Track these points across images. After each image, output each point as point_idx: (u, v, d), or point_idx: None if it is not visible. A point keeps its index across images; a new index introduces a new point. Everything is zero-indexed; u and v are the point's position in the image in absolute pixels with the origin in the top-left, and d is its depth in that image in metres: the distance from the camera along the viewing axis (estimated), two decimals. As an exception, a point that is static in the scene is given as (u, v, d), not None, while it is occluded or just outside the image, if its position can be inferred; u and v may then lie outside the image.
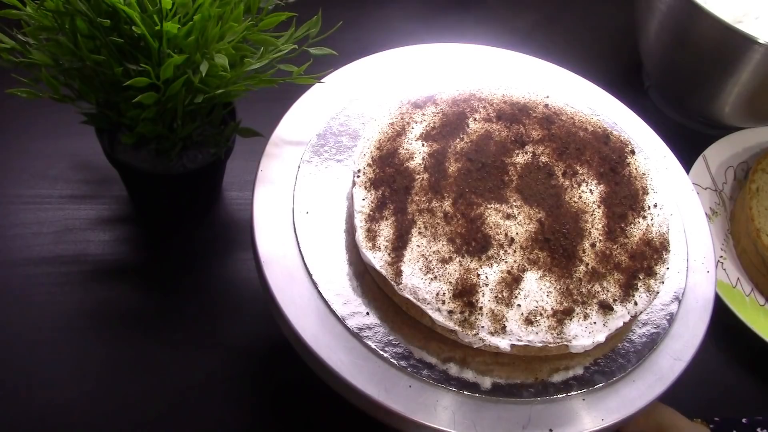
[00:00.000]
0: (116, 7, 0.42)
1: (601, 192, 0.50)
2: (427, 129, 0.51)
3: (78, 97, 0.48)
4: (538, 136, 0.53)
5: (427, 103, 0.53)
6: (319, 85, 0.55)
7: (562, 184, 0.50)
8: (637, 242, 0.49)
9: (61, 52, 0.45)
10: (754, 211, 0.62)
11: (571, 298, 0.45)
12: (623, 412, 0.45)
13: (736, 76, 0.65)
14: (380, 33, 0.77)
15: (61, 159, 0.60)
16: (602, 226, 0.48)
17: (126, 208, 0.58)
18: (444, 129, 0.51)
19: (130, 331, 0.52)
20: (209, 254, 0.57)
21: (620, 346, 0.48)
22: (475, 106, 0.54)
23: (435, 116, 0.52)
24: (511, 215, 0.47)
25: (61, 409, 0.47)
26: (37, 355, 0.49)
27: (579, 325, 0.44)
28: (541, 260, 0.46)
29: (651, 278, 0.48)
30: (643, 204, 0.51)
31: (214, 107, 0.51)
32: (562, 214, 0.48)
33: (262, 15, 0.47)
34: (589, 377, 0.46)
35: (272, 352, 0.52)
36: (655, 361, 0.48)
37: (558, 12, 0.87)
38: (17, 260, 0.54)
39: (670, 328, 0.50)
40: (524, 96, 0.56)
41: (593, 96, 0.63)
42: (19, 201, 0.57)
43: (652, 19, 0.70)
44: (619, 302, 0.46)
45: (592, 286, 0.46)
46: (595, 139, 0.54)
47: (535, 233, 0.47)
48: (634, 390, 0.46)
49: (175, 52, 0.44)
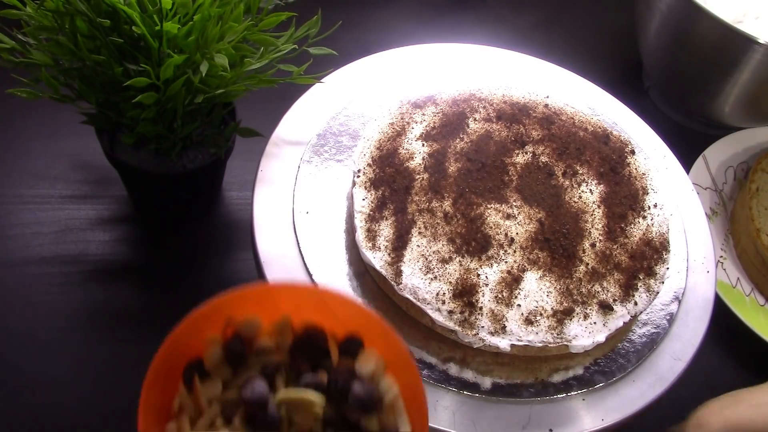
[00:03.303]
0: (116, 7, 0.42)
1: (601, 192, 0.50)
2: (427, 129, 0.51)
3: (78, 97, 0.48)
4: (538, 136, 0.53)
5: (427, 103, 0.53)
6: (319, 85, 0.55)
7: (562, 184, 0.50)
8: (637, 242, 0.49)
9: (61, 52, 0.45)
10: (754, 211, 0.62)
11: (571, 298, 0.45)
12: (623, 412, 0.45)
13: (736, 76, 0.65)
14: (380, 33, 0.77)
15: (61, 159, 0.60)
16: (602, 226, 0.48)
17: (126, 208, 0.58)
18: (444, 129, 0.51)
19: (130, 331, 0.52)
20: (209, 254, 0.57)
21: (620, 346, 0.48)
22: (475, 106, 0.54)
23: (435, 116, 0.52)
24: (511, 215, 0.47)
25: (61, 409, 0.47)
26: (37, 355, 0.49)
27: (579, 325, 0.44)
28: (541, 260, 0.46)
29: (651, 278, 0.48)
30: (643, 204, 0.51)
31: (214, 107, 0.51)
32: (562, 214, 0.48)
33: (262, 15, 0.47)
34: (589, 377, 0.46)
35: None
36: (655, 361, 0.48)
37: (558, 12, 0.87)
38: (17, 260, 0.54)
39: (670, 328, 0.50)
40: (524, 96, 0.56)
41: (593, 96, 0.63)
42: (19, 201, 0.57)
43: (652, 19, 0.70)
44: (619, 302, 0.46)
45: (592, 286, 0.46)
46: (595, 139, 0.54)
47: (535, 233, 0.47)
48: (634, 390, 0.46)
49: (175, 52, 0.44)
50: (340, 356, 0.33)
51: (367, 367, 0.32)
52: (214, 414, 0.30)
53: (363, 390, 0.30)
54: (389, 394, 0.31)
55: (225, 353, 0.31)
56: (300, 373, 0.31)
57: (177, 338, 0.30)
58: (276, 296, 0.33)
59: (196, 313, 0.31)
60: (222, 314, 0.32)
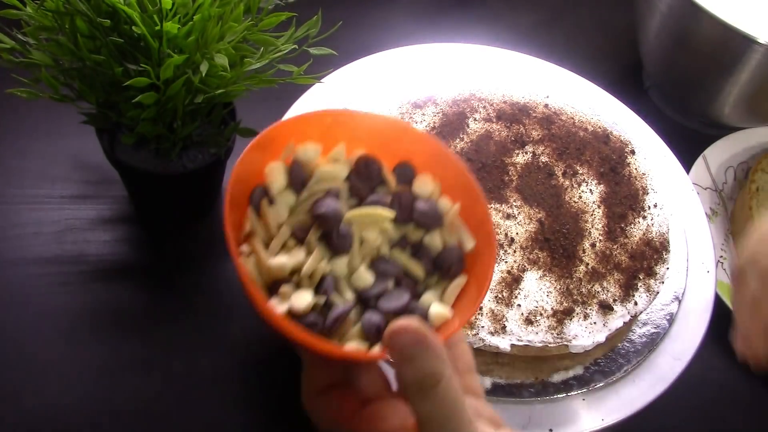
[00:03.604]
0: (116, 7, 0.42)
1: (601, 192, 0.50)
2: (427, 129, 0.51)
3: (78, 97, 0.48)
4: (538, 136, 0.53)
5: (427, 103, 0.53)
6: (319, 85, 0.55)
7: (562, 184, 0.50)
8: (637, 242, 0.49)
9: (61, 52, 0.45)
10: (754, 211, 0.62)
11: (571, 298, 0.45)
12: (623, 412, 0.45)
13: (736, 76, 0.65)
14: (380, 33, 0.77)
15: (61, 159, 0.60)
16: (602, 226, 0.48)
17: (126, 208, 0.58)
18: (444, 129, 0.51)
19: (130, 331, 0.52)
20: (209, 254, 0.57)
21: (620, 346, 0.48)
22: (475, 106, 0.54)
23: (435, 116, 0.52)
24: (511, 215, 0.47)
25: (61, 408, 0.47)
26: (36, 354, 0.49)
27: (579, 325, 0.44)
28: (541, 260, 0.46)
29: (651, 278, 0.48)
30: (643, 204, 0.51)
31: (214, 107, 0.51)
32: (562, 214, 0.48)
33: (262, 15, 0.47)
34: (589, 377, 0.46)
35: (272, 352, 0.52)
36: (655, 361, 0.48)
37: (558, 12, 0.87)
38: (17, 260, 0.54)
39: (670, 328, 0.50)
40: (524, 96, 0.56)
41: (593, 96, 0.63)
42: (19, 201, 0.57)
43: (652, 19, 0.70)
44: (619, 302, 0.46)
45: (592, 286, 0.46)
46: (595, 139, 0.54)
47: (535, 233, 0.47)
48: (634, 390, 0.46)
49: (175, 52, 0.44)
50: (396, 183, 0.33)
51: (425, 188, 0.32)
52: (285, 235, 0.30)
53: (426, 205, 0.31)
54: (450, 212, 0.32)
55: (289, 179, 0.32)
56: (361, 198, 0.32)
57: (243, 165, 0.30)
58: (331, 124, 0.34)
59: (259, 137, 0.31)
60: (281, 142, 0.32)
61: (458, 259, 0.31)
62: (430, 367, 0.25)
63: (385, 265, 0.30)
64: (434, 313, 0.29)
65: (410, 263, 0.31)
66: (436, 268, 0.31)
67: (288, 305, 0.28)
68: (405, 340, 0.25)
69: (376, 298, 0.29)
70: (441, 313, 0.29)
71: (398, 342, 0.25)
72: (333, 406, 0.30)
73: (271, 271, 0.29)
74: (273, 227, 0.31)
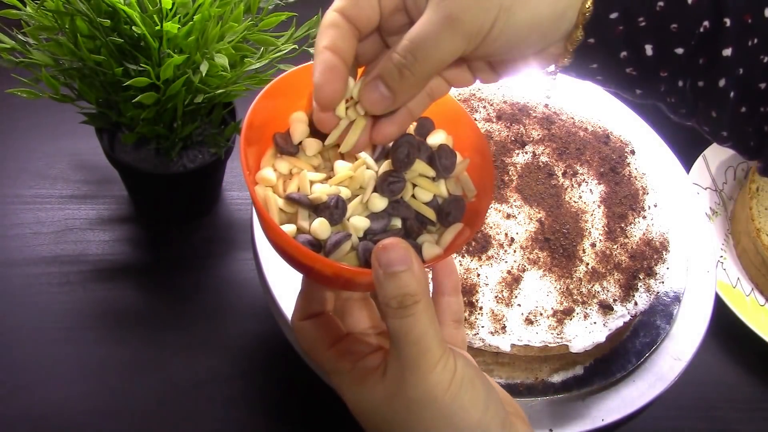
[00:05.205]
0: (116, 7, 0.42)
1: (601, 192, 0.50)
2: (427, 129, 0.51)
3: (78, 97, 0.48)
4: (538, 136, 0.53)
5: (427, 103, 0.53)
6: (319, 85, 0.55)
7: (562, 184, 0.50)
8: (637, 242, 0.49)
9: (61, 52, 0.45)
10: (754, 211, 0.62)
11: (571, 298, 0.45)
12: (623, 412, 0.45)
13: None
14: (380, 33, 0.77)
15: (61, 159, 0.60)
16: (602, 226, 0.48)
17: (126, 208, 0.58)
18: (444, 129, 0.51)
19: (130, 331, 0.52)
20: (209, 254, 0.57)
21: (620, 346, 0.48)
22: (475, 106, 0.54)
23: (435, 116, 0.52)
24: (511, 215, 0.47)
25: (61, 408, 0.47)
26: (37, 354, 0.49)
27: (579, 325, 0.44)
28: (541, 260, 0.46)
29: (651, 278, 0.48)
30: (643, 204, 0.51)
31: (214, 107, 0.51)
32: (562, 213, 0.48)
33: (262, 15, 0.47)
34: (589, 377, 0.46)
35: (272, 352, 0.52)
36: (655, 361, 0.48)
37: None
38: (17, 260, 0.54)
39: (670, 328, 0.50)
40: (524, 96, 0.56)
41: (593, 96, 0.63)
42: (19, 201, 0.57)
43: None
44: (619, 302, 0.46)
45: (592, 286, 0.46)
46: (595, 139, 0.54)
47: (535, 233, 0.47)
48: (634, 390, 0.46)
49: (175, 52, 0.44)
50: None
51: (437, 139, 0.34)
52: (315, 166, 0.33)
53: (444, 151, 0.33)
54: (460, 165, 0.34)
55: (311, 129, 0.33)
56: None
57: (262, 105, 0.32)
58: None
59: (277, 80, 0.32)
60: (303, 91, 0.33)
61: (459, 209, 0.32)
62: (410, 288, 0.28)
63: (399, 206, 0.32)
64: (427, 250, 0.31)
65: (423, 207, 0.32)
66: (437, 213, 0.33)
67: (295, 227, 0.30)
68: (392, 256, 0.28)
69: (381, 233, 0.31)
70: (433, 250, 0.31)
71: (385, 257, 0.28)
72: (314, 333, 0.33)
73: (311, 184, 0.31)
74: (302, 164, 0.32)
